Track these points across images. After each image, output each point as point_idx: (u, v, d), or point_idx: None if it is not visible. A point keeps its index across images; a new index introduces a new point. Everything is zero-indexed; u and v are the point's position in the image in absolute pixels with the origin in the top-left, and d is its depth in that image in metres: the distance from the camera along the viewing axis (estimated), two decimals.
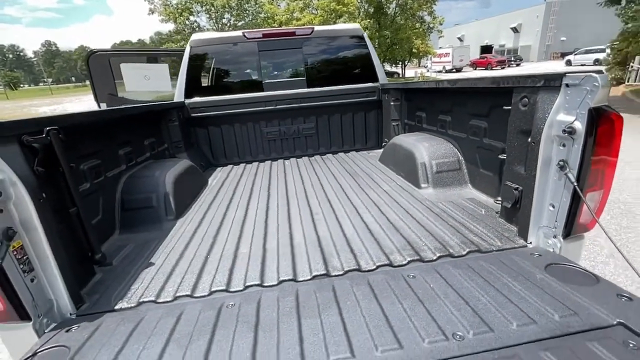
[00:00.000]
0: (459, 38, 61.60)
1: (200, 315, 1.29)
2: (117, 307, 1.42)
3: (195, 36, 3.76)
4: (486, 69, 39.23)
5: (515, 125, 1.76)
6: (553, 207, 1.55)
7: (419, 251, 1.65)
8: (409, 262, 1.57)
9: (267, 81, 3.87)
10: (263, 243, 1.88)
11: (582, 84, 1.34)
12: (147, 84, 4.88)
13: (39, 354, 1.17)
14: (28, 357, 1.15)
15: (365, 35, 3.91)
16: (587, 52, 30.21)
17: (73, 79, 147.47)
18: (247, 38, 3.70)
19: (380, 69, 4.01)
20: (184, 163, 2.85)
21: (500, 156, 1.99)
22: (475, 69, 41.08)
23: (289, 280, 1.51)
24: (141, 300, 1.44)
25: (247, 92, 3.83)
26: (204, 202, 2.67)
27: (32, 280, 1.29)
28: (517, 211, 1.79)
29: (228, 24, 26.43)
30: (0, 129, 1.24)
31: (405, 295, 1.30)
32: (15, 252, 1.23)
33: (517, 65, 39.75)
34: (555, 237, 1.57)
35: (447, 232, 1.83)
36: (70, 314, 1.40)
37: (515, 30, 50.65)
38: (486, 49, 52.94)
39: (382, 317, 1.19)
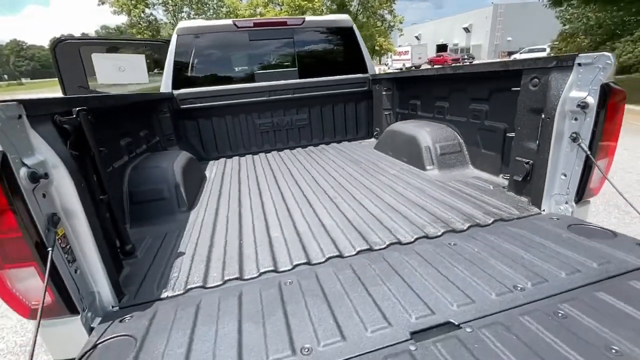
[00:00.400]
0: (416, 37, 64.21)
1: (262, 294, 1.28)
2: (163, 295, 1.36)
3: (183, 24, 3.60)
4: (442, 66, 41.26)
5: (524, 105, 1.93)
6: (565, 176, 1.73)
7: (449, 223, 1.76)
8: (443, 233, 1.67)
9: (258, 72, 3.81)
10: (294, 226, 1.89)
11: (594, 63, 1.51)
12: (121, 75, 4.58)
13: (100, 345, 1.09)
14: (89, 350, 1.07)
15: (355, 26, 3.98)
16: (530, 51, 33.01)
17: (5, 76, 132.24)
18: (238, 27, 3.61)
19: (369, 60, 4.11)
20: (184, 154, 2.74)
21: (508, 134, 2.16)
22: (433, 67, 43.09)
23: (336, 256, 1.54)
24: (188, 286, 1.39)
25: (238, 82, 3.75)
26: (212, 193, 2.59)
27: (75, 271, 1.20)
28: (527, 183, 1.96)
29: (187, 18, 25.23)
30: (35, 106, 1.13)
31: (456, 260, 1.39)
32: (59, 241, 1.13)
33: (470, 63, 42.34)
34: (566, 202, 1.75)
35: (467, 206, 1.96)
36: (112, 307, 1.31)
37: (467, 30, 53.87)
38: (441, 48, 55.74)
39: (444, 278, 1.27)
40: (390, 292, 1.21)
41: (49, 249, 1.05)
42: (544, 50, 30.25)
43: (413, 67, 42.98)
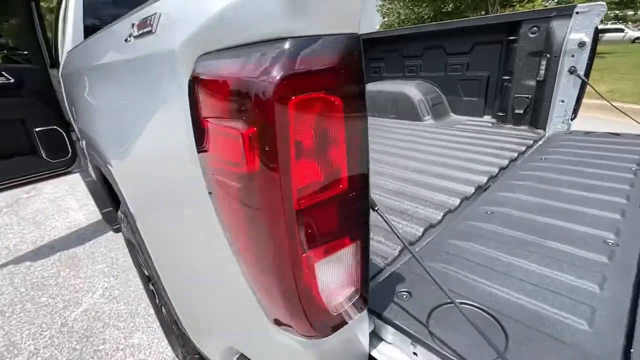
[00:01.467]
0: None
1: (486, 226, 1.20)
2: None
3: None
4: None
5: (523, 50, 2.39)
6: (562, 101, 2.28)
7: (513, 151, 2.03)
8: (517, 157, 1.94)
9: None
10: (398, 189, 1.73)
11: (591, 10, 2.04)
12: None
13: None
14: None
15: None
16: None
17: None
18: None
19: None
20: None
21: (503, 77, 2.60)
22: None
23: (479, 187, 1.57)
24: (398, 248, 1.14)
25: None
26: None
27: None
28: (526, 114, 2.47)
29: None
30: None
31: (577, 165, 1.67)
32: None
33: None
34: (563, 122, 2.34)
35: (499, 137, 2.30)
36: None
37: None
38: None
39: (597, 177, 1.52)
40: (590, 201, 1.36)
41: (377, 207, 0.67)
42: None
43: None
